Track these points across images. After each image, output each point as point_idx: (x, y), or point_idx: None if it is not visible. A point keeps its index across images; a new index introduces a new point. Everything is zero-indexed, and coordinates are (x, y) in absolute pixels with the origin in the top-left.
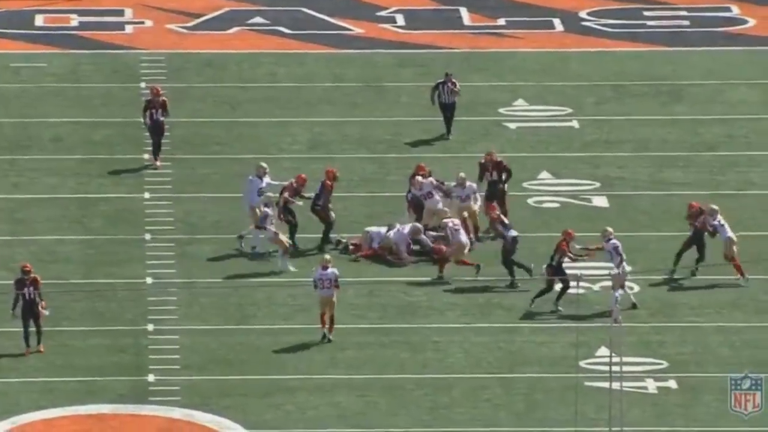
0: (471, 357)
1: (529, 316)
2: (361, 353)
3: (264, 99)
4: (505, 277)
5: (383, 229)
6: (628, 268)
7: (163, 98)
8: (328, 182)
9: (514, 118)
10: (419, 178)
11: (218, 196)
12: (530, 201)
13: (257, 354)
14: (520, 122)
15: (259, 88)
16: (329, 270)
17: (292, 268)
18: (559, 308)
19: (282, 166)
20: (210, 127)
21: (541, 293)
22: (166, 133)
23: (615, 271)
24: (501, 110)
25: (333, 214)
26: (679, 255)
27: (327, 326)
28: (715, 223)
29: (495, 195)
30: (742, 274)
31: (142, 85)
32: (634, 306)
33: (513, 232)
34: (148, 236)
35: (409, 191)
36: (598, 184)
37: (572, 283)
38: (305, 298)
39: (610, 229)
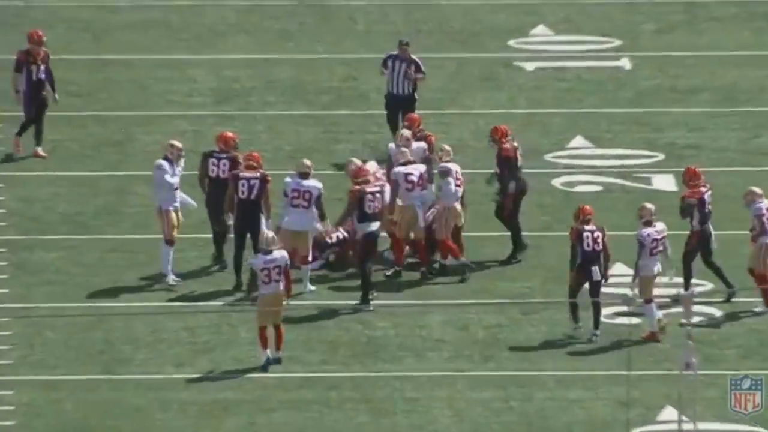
0: (465, 422)
1: (553, 359)
2: (296, 416)
3: (146, 25)
4: (526, 300)
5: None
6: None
7: (46, 49)
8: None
9: (531, 56)
10: (406, 132)
11: (75, 174)
12: (557, 182)
13: (136, 417)
14: (540, 61)
15: (138, 10)
16: (276, 254)
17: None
18: (596, 335)
19: (175, 129)
20: (63, 69)
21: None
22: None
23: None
24: (511, 43)
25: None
26: (687, 264)
27: (274, 346)
28: (763, 206)
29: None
30: None
31: None
32: (655, 334)
33: (374, 226)
34: None
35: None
36: (660, 156)
37: (615, 308)
38: (210, 333)
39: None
